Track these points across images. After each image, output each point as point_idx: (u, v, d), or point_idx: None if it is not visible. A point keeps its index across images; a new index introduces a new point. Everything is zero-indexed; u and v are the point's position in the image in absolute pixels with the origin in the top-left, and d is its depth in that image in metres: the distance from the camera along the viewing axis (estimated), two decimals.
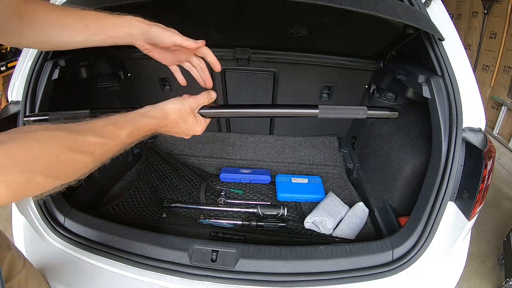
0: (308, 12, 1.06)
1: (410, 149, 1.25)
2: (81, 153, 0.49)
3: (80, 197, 1.28)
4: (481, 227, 2.23)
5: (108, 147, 0.53)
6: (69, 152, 0.47)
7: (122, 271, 0.95)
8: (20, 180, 0.41)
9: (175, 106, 0.69)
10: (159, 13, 1.15)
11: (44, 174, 0.44)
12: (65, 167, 0.47)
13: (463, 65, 1.02)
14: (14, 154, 0.41)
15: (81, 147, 0.49)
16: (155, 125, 0.64)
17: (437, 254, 0.96)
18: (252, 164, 1.86)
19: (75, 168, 0.49)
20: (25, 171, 0.41)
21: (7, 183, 0.40)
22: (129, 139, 0.58)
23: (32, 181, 0.42)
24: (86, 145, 0.50)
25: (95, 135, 0.51)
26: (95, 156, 0.51)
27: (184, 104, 0.71)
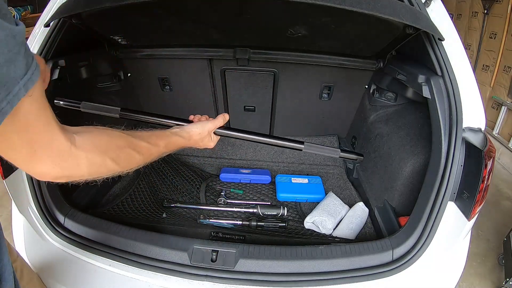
0: (308, 12, 1.06)
1: (410, 149, 1.25)
2: (136, 151, 0.63)
3: (80, 197, 1.28)
4: (481, 227, 2.23)
5: (151, 151, 0.69)
6: (128, 148, 0.61)
7: (122, 271, 0.95)
8: (98, 160, 0.53)
9: (197, 130, 0.86)
10: (159, 13, 1.15)
11: (113, 159, 0.56)
12: (125, 158, 0.61)
13: (463, 65, 1.02)
14: (94, 141, 0.53)
15: (135, 147, 0.63)
16: (181, 142, 0.82)
17: (437, 254, 0.96)
18: (252, 164, 1.86)
19: (131, 161, 0.63)
20: (101, 154, 0.54)
21: (89, 160, 0.51)
22: (165, 149, 0.75)
23: (105, 162, 0.55)
24: (139, 146, 0.64)
25: (144, 141, 0.67)
26: (144, 156, 0.66)
27: (204, 128, 0.87)
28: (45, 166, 0.45)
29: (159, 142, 0.72)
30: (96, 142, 0.53)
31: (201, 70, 1.64)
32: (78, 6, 1.00)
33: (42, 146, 0.44)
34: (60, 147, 0.46)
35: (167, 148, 0.75)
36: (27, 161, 0.44)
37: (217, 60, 1.59)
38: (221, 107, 1.82)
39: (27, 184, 1.05)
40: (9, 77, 0.34)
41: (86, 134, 0.52)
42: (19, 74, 0.36)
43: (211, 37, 1.35)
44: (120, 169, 0.60)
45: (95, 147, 0.53)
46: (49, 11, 1.18)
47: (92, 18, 1.18)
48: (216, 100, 1.79)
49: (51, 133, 0.45)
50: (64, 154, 0.47)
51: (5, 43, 0.32)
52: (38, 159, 0.44)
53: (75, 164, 0.49)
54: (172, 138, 0.78)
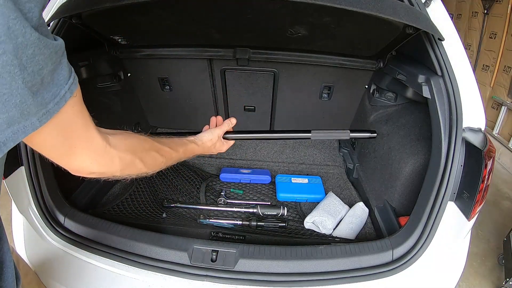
0: (308, 12, 1.06)
1: (410, 149, 1.25)
2: (160, 154, 0.71)
3: (80, 197, 1.28)
4: (481, 227, 2.23)
5: (172, 155, 0.77)
6: (153, 151, 0.69)
7: (122, 271, 0.95)
8: (129, 159, 0.60)
9: (208, 137, 0.96)
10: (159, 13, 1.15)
11: (141, 159, 0.63)
12: (151, 160, 0.68)
13: (463, 65, 1.02)
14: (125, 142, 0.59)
15: (159, 150, 0.71)
16: (196, 149, 0.90)
17: (437, 254, 0.96)
18: (252, 164, 1.86)
19: (155, 163, 0.70)
20: (132, 154, 0.60)
21: (121, 159, 0.57)
22: (183, 154, 0.83)
23: (134, 162, 0.62)
24: (162, 150, 0.72)
25: (166, 145, 0.75)
26: (166, 159, 0.74)
27: (213, 134, 0.97)
28: (83, 162, 0.51)
29: (178, 148, 0.81)
30: (127, 143, 0.60)
31: (201, 70, 1.63)
32: (78, 6, 1.00)
33: (81, 144, 0.49)
34: (97, 146, 0.52)
35: (184, 154, 0.84)
36: (66, 158, 0.49)
37: (217, 60, 1.59)
38: (221, 107, 1.82)
39: (27, 184, 1.05)
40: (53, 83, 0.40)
41: (118, 136, 0.58)
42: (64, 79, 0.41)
43: (211, 37, 1.35)
44: (146, 169, 0.66)
45: (126, 147, 0.59)
46: (49, 11, 1.18)
47: (92, 18, 1.18)
48: (216, 100, 1.79)
49: (89, 133, 0.50)
50: (100, 152, 0.52)
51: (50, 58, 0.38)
52: (77, 155, 0.49)
53: (109, 162, 0.55)
54: (188, 145, 0.87)
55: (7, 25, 0.32)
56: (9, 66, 0.33)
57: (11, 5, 0.32)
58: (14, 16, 0.32)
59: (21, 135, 0.38)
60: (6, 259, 0.57)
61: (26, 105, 0.37)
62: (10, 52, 0.33)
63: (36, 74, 0.36)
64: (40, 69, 0.37)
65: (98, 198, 1.41)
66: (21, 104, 0.36)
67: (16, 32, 0.33)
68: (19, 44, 0.33)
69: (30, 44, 0.34)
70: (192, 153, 0.89)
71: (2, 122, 0.35)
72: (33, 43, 0.35)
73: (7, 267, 0.57)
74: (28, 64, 0.35)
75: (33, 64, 0.36)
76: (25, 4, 0.34)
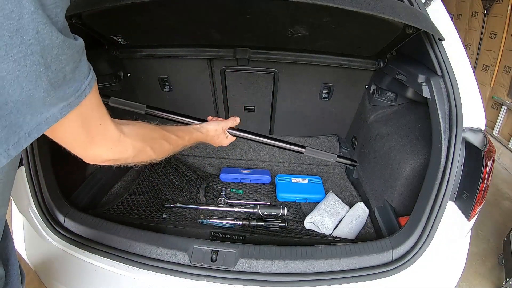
0: (308, 12, 1.06)
1: (410, 149, 1.25)
2: (167, 142, 0.76)
3: (80, 197, 1.28)
4: (481, 227, 2.23)
5: (178, 143, 0.82)
6: (162, 139, 0.74)
7: (122, 271, 0.95)
8: (140, 146, 0.64)
9: (213, 127, 1.01)
10: (159, 13, 1.15)
11: (151, 147, 0.68)
12: (160, 147, 0.73)
13: (463, 65, 1.02)
14: (137, 131, 0.65)
15: (167, 138, 0.77)
16: (201, 137, 0.96)
17: (437, 254, 0.96)
18: (252, 164, 1.86)
19: (163, 150, 0.75)
20: (143, 142, 0.65)
21: (134, 147, 0.62)
22: (188, 142, 0.88)
23: (145, 149, 0.66)
24: (170, 138, 0.78)
25: (173, 134, 0.80)
26: (173, 146, 0.79)
27: (219, 126, 1.02)
28: (100, 150, 0.56)
29: (184, 136, 0.86)
30: (139, 132, 0.65)
31: (201, 70, 1.63)
32: (78, 6, 1.00)
33: (98, 134, 0.53)
34: (113, 135, 0.57)
35: (189, 141, 0.89)
36: (84, 147, 0.53)
37: (217, 60, 1.59)
38: (221, 107, 1.82)
39: (27, 184, 1.05)
40: (75, 79, 0.43)
41: (130, 126, 0.63)
42: (84, 76, 0.45)
43: (211, 37, 1.35)
44: (156, 156, 0.71)
45: (138, 136, 0.64)
46: None
47: (92, 18, 1.18)
48: (216, 100, 1.79)
49: (106, 123, 0.54)
50: (115, 140, 0.57)
51: (72, 57, 0.41)
52: (95, 145, 0.54)
53: (124, 149, 0.60)
54: (194, 133, 0.93)
55: (36, 29, 0.35)
56: (35, 65, 0.36)
57: (41, 11, 0.35)
58: (43, 22, 0.36)
59: (44, 126, 0.41)
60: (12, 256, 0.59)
61: (50, 99, 0.40)
62: (38, 53, 0.36)
63: (59, 71, 0.40)
64: (62, 67, 0.40)
65: (98, 198, 1.41)
66: (45, 99, 0.39)
67: (44, 35, 0.36)
68: (46, 46, 0.37)
69: (55, 46, 0.38)
70: (196, 141, 0.94)
71: (26, 114, 0.38)
72: (58, 45, 0.38)
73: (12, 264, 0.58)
74: (52, 63, 0.38)
75: (57, 63, 0.39)
76: (53, 10, 0.37)
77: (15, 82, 0.36)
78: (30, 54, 0.35)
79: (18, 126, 0.38)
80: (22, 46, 0.35)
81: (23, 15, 0.34)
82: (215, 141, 1.04)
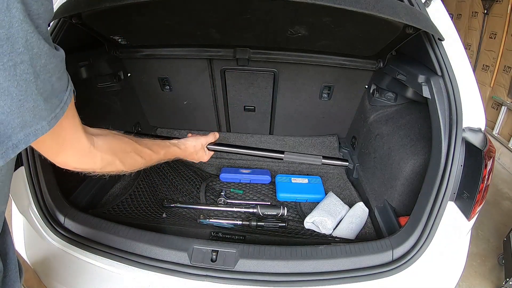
0: (308, 12, 1.06)
1: (410, 149, 1.25)
2: (140, 156, 0.76)
3: (80, 197, 1.27)
4: (481, 227, 2.23)
5: (152, 157, 0.81)
6: (134, 153, 0.74)
7: (122, 271, 0.95)
8: (109, 159, 0.64)
9: (192, 143, 1.01)
10: (159, 13, 1.15)
11: (121, 160, 0.68)
12: (131, 161, 0.73)
13: (463, 65, 1.02)
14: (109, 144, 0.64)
15: (140, 152, 0.76)
16: (179, 153, 0.96)
17: (437, 254, 0.96)
18: (252, 164, 1.86)
19: (135, 164, 0.75)
20: (113, 154, 0.65)
21: (102, 159, 0.62)
22: (164, 157, 0.87)
23: (114, 163, 0.67)
24: (143, 152, 0.77)
25: (148, 148, 0.79)
26: (146, 161, 0.78)
27: (197, 142, 1.03)
28: (69, 159, 0.57)
29: (160, 150, 0.85)
30: (110, 145, 0.65)
31: (201, 70, 1.63)
32: (78, 6, 1.00)
33: (69, 145, 0.54)
34: (83, 146, 0.57)
35: (165, 156, 0.88)
36: (54, 154, 0.54)
37: (217, 60, 1.59)
38: (221, 107, 1.82)
39: (27, 184, 1.05)
40: (59, 90, 0.44)
41: (103, 138, 0.63)
42: (65, 86, 0.45)
43: (211, 37, 1.35)
44: (125, 169, 0.71)
45: (109, 149, 0.64)
46: None
47: (92, 18, 1.18)
48: (216, 100, 1.79)
49: (77, 135, 0.55)
50: (85, 152, 0.58)
51: (57, 67, 0.42)
52: (64, 154, 0.55)
53: (92, 161, 0.61)
54: (171, 148, 0.91)
55: (26, 38, 0.36)
56: (25, 74, 0.37)
57: (29, 20, 0.36)
58: (31, 30, 0.36)
59: (32, 138, 0.41)
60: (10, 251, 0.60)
61: (38, 110, 0.40)
62: (27, 62, 0.36)
63: (47, 81, 0.40)
64: (50, 77, 0.40)
65: (98, 198, 1.41)
66: (34, 109, 0.39)
67: (32, 44, 0.36)
68: (35, 54, 0.37)
69: (43, 54, 0.38)
70: (173, 156, 0.94)
71: (16, 125, 0.38)
72: (45, 54, 0.39)
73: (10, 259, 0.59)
74: (41, 72, 0.39)
75: (45, 72, 0.39)
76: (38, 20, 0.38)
77: (6, 92, 0.35)
78: (20, 63, 0.36)
79: (7, 137, 0.38)
80: (12, 55, 0.35)
81: (12, 24, 0.34)
82: (194, 157, 1.04)
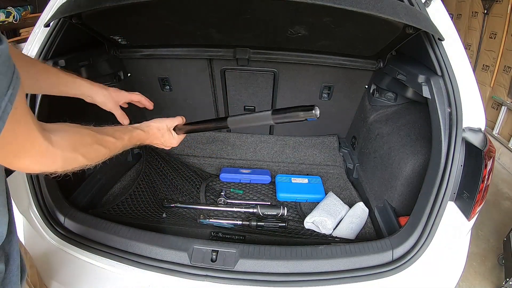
0: (308, 12, 1.06)
1: (410, 149, 1.25)
2: (103, 146, 0.70)
3: (80, 197, 1.27)
4: (481, 227, 2.23)
5: (116, 145, 0.76)
6: (96, 144, 0.68)
7: (122, 271, 0.95)
8: (70, 156, 0.60)
9: (156, 124, 0.93)
10: (159, 13, 1.15)
11: (83, 155, 0.63)
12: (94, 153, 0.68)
13: (463, 65, 1.02)
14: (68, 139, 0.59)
15: (102, 142, 0.71)
16: (142, 136, 0.88)
17: (437, 254, 0.96)
18: (252, 164, 1.86)
19: (98, 155, 0.70)
20: (74, 151, 0.61)
21: (63, 157, 0.58)
22: (129, 142, 0.82)
23: (77, 158, 0.62)
24: (105, 141, 0.72)
25: (110, 135, 0.74)
26: (110, 150, 0.73)
27: (162, 123, 0.94)
28: (26, 163, 0.52)
29: (123, 136, 0.80)
30: (70, 140, 0.60)
31: (201, 70, 1.63)
32: (78, 6, 1.00)
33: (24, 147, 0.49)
34: (40, 148, 0.52)
35: (130, 141, 0.83)
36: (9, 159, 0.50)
37: (217, 60, 1.59)
38: (221, 107, 1.82)
39: (27, 184, 1.05)
40: None
41: (61, 133, 0.58)
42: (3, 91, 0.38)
43: (211, 37, 1.35)
44: (89, 163, 0.67)
45: (68, 145, 0.59)
46: (49, 11, 1.18)
47: (92, 18, 1.18)
48: (216, 100, 1.79)
49: (32, 136, 0.50)
50: (43, 152, 0.53)
51: None
52: (21, 157, 0.50)
53: (51, 161, 0.57)
54: (134, 132, 0.86)
55: None
56: None
57: None
58: None
59: None
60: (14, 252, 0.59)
61: None
62: None
63: None
64: None
65: (98, 198, 1.41)
66: None
67: None
68: None
69: None
70: (138, 140, 0.87)
71: None
72: None
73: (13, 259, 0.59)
74: None
75: None
76: None
77: None
78: None
79: None
80: None
81: None
82: (160, 140, 0.94)
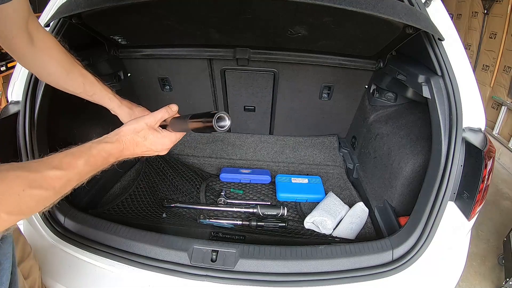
0: (308, 12, 1.06)
1: (410, 149, 1.25)
2: (41, 188, 0.50)
3: (80, 197, 1.27)
4: (481, 227, 2.23)
5: (67, 178, 0.55)
6: (30, 189, 0.48)
7: (122, 271, 0.95)
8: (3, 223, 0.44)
9: (130, 127, 0.68)
10: (159, 13, 1.15)
11: (7, 211, 0.45)
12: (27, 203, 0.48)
13: (463, 65, 1.02)
14: None
15: (41, 183, 0.50)
16: (112, 148, 0.64)
17: (437, 254, 0.96)
18: (252, 164, 1.86)
19: (37, 203, 0.51)
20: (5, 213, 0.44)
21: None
22: (88, 167, 0.59)
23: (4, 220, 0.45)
24: (45, 180, 0.51)
25: (53, 169, 0.53)
26: (56, 189, 0.53)
27: (139, 122, 0.69)
28: None
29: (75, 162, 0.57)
30: None
31: (201, 70, 1.63)
32: (78, 6, 1.00)
33: None
34: None
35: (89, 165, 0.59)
36: None
37: (217, 60, 1.59)
38: (221, 107, 1.82)
39: None
40: None
41: None
42: None
43: (211, 37, 1.35)
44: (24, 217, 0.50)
45: None
46: (49, 11, 1.18)
47: (92, 18, 1.18)
48: (216, 100, 1.79)
49: None
50: None
51: None
52: None
53: None
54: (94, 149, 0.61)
55: None
56: None
57: None
58: None
59: None
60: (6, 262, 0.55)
61: None
62: None
63: None
64: None
65: (98, 198, 1.41)
66: None
67: None
68: None
69: None
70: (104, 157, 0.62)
71: None
72: None
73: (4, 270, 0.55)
74: None
75: None
76: None
77: None
78: None
79: None
80: None
81: None
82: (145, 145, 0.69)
